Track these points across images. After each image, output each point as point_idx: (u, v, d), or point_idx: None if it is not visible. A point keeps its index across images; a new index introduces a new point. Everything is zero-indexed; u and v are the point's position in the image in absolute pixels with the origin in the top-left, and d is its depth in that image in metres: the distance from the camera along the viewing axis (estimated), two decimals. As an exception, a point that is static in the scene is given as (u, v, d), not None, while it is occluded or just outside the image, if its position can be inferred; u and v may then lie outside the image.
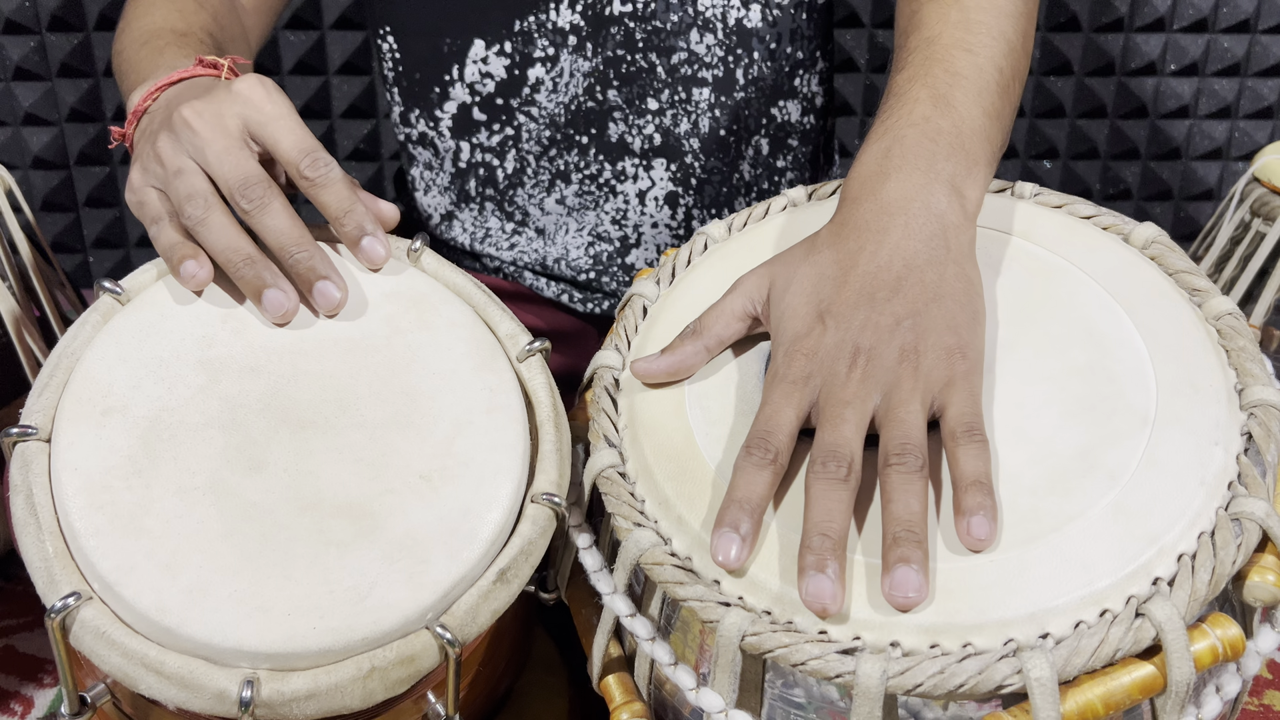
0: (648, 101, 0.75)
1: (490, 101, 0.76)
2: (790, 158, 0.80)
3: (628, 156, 0.76)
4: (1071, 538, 0.43)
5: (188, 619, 0.43)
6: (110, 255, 1.42)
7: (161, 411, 0.48)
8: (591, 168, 0.77)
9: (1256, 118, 1.39)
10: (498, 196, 0.79)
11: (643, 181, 0.77)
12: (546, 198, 0.78)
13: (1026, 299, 0.52)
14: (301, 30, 1.31)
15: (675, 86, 0.74)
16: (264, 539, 0.45)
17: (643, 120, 0.75)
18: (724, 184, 0.78)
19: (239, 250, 0.51)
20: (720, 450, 0.48)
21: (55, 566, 0.44)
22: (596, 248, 0.79)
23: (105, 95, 1.34)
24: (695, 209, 0.78)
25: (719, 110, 0.75)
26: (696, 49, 0.73)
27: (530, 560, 0.48)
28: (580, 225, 0.78)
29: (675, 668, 0.46)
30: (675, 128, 0.75)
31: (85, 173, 1.37)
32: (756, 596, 0.43)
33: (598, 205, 0.78)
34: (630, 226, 0.78)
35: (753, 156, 0.78)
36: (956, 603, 0.42)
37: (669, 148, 0.76)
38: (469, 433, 0.50)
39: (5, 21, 1.27)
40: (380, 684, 0.44)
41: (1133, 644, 0.41)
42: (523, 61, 0.74)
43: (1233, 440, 0.45)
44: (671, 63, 0.74)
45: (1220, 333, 0.49)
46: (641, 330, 0.54)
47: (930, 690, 0.40)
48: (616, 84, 0.74)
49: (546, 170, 0.77)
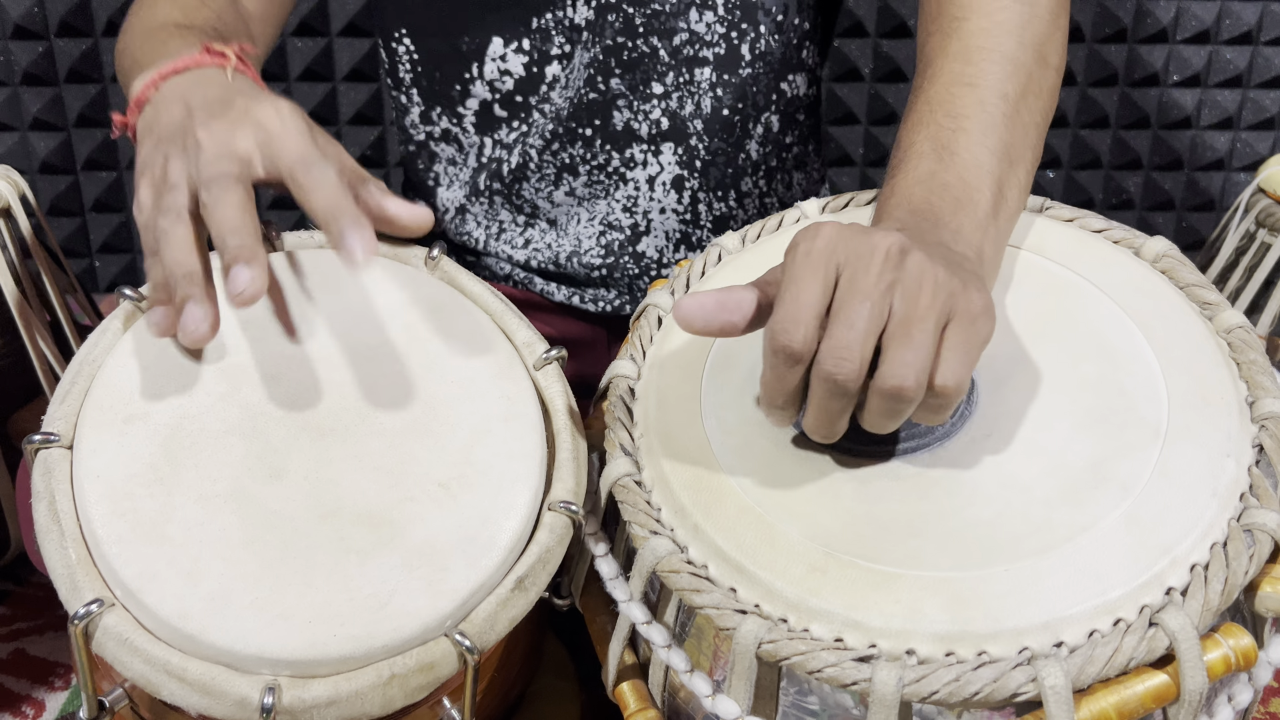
0: (652, 86, 0.73)
1: (510, 99, 0.75)
2: (797, 133, 0.79)
3: (635, 143, 0.75)
4: (1085, 548, 0.44)
5: (209, 626, 0.44)
6: (117, 260, 1.43)
7: (183, 419, 0.49)
8: (599, 158, 0.76)
9: (1258, 129, 1.40)
10: (504, 190, 0.79)
11: (652, 167, 0.76)
12: (555, 190, 0.78)
13: (1039, 313, 0.52)
14: (309, 37, 1.32)
15: (679, 68, 0.73)
16: (285, 546, 0.46)
17: (648, 106, 0.74)
18: (729, 165, 0.77)
19: (182, 265, 0.50)
20: (736, 460, 0.49)
21: (78, 573, 0.45)
22: (608, 237, 0.79)
23: (113, 101, 1.35)
24: (701, 192, 0.77)
25: (721, 89, 0.74)
26: (696, 28, 0.72)
27: (548, 568, 0.49)
28: (592, 214, 0.78)
29: (691, 675, 0.47)
30: (681, 110, 0.74)
31: (92, 178, 1.38)
32: (773, 604, 0.44)
33: (608, 194, 0.77)
34: (640, 213, 0.77)
35: (761, 135, 0.77)
36: (971, 611, 0.42)
37: (676, 130, 0.75)
38: (487, 441, 0.50)
39: (14, 27, 1.28)
40: (400, 691, 0.45)
41: (1146, 653, 0.41)
42: (540, 58, 0.74)
43: (1244, 452, 0.46)
44: (674, 45, 0.72)
45: (1231, 346, 0.50)
46: (657, 340, 0.55)
47: (946, 698, 0.41)
48: (619, 72, 0.73)
49: (551, 164, 0.77)
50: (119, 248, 1.43)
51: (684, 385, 0.52)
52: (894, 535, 0.45)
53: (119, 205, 1.40)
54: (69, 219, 1.39)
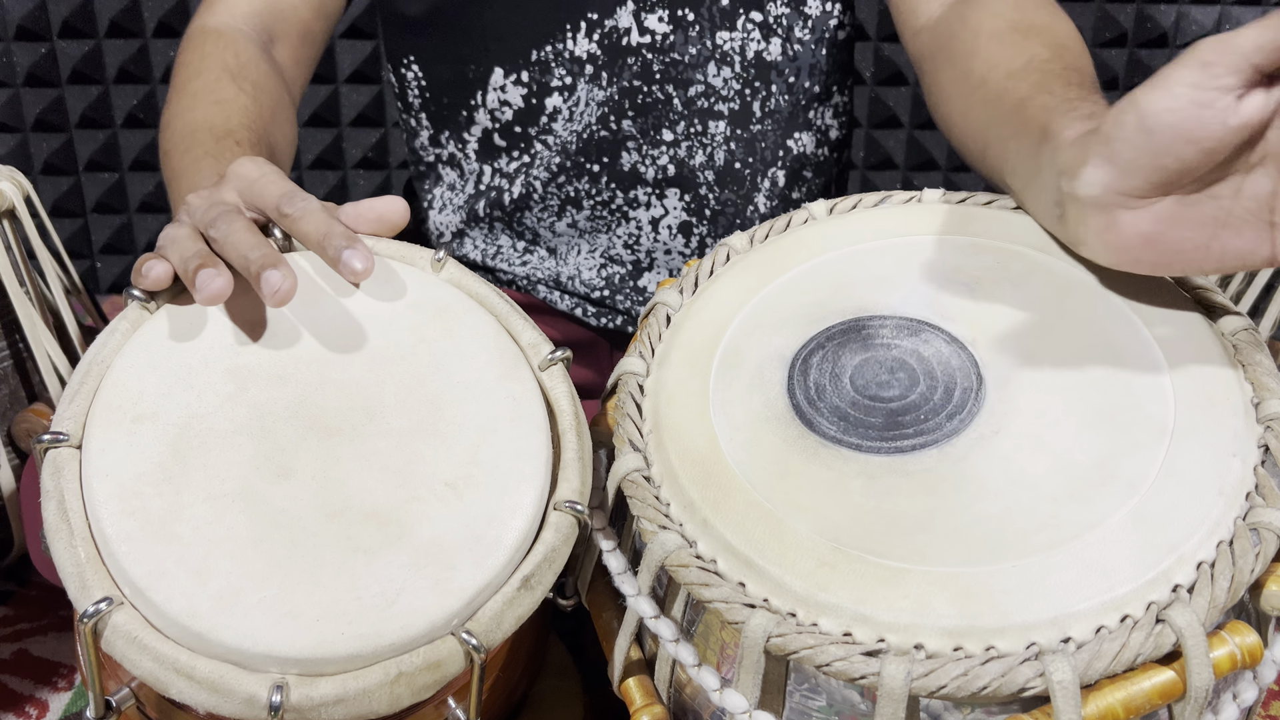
0: (663, 133, 0.76)
1: (509, 129, 0.77)
2: (804, 189, 0.81)
3: (640, 185, 0.77)
4: (1092, 544, 0.44)
5: (218, 624, 0.44)
6: (118, 261, 1.44)
7: (191, 419, 0.49)
8: (603, 194, 0.78)
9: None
10: (505, 218, 0.80)
11: (655, 209, 0.78)
12: (557, 221, 0.79)
13: (1046, 311, 0.53)
14: None
15: (691, 119, 0.75)
16: (293, 545, 0.46)
17: (656, 151, 0.76)
18: (738, 215, 0.79)
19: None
20: (745, 455, 0.49)
21: (87, 571, 0.45)
22: (609, 270, 0.80)
23: (115, 102, 1.35)
24: (709, 238, 0.79)
25: (734, 143, 0.76)
26: (714, 82, 0.74)
27: (554, 567, 0.49)
28: (593, 247, 0.79)
29: (699, 669, 0.47)
30: (690, 159, 0.76)
31: (94, 179, 1.38)
32: (781, 599, 0.44)
33: (610, 229, 0.79)
34: (643, 251, 0.79)
35: (769, 189, 0.79)
36: (980, 606, 0.43)
37: (683, 179, 0.77)
38: (493, 441, 0.51)
39: (16, 28, 1.28)
40: (407, 689, 0.45)
41: (1153, 649, 0.42)
42: (540, 90, 0.75)
43: (1250, 452, 0.46)
44: (688, 95, 0.75)
45: (1237, 348, 0.50)
46: (665, 339, 0.55)
47: (954, 692, 0.41)
48: (631, 114, 0.75)
49: (555, 196, 0.78)
50: (120, 249, 1.43)
51: (692, 382, 0.53)
52: (902, 531, 0.45)
53: (120, 207, 1.41)
54: (70, 220, 1.39)
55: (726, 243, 0.59)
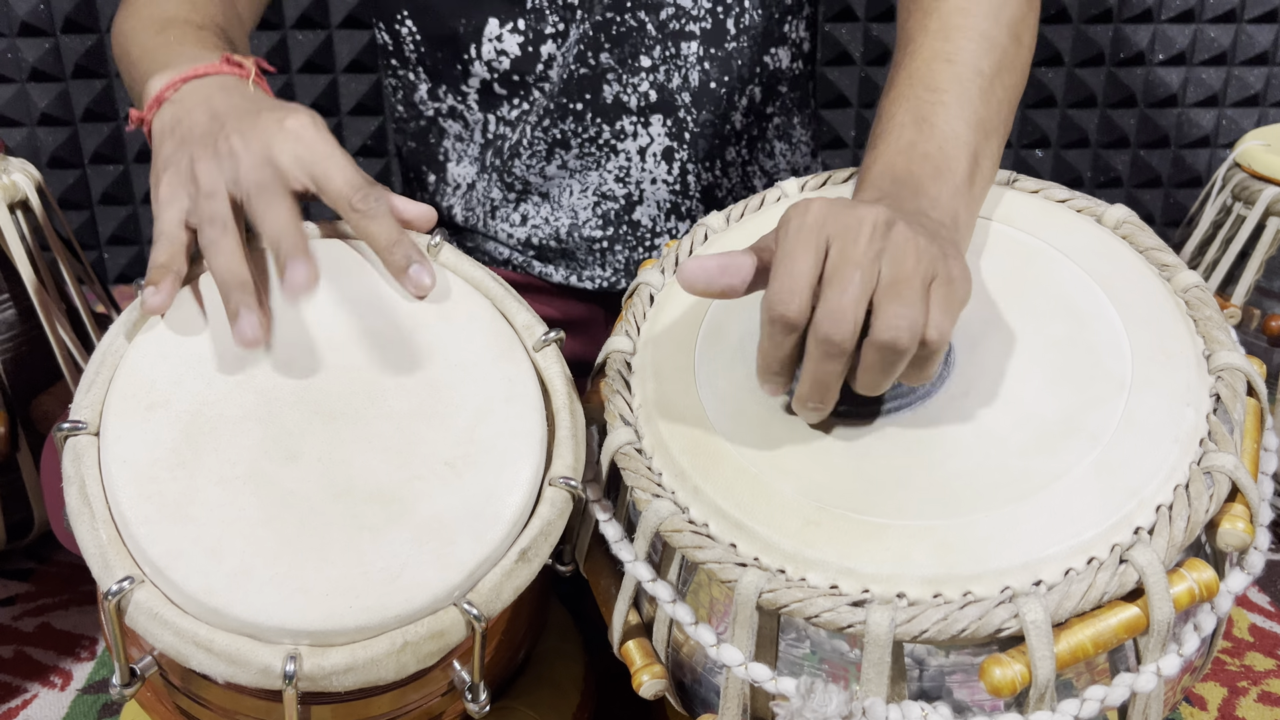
0: (640, 59, 0.78)
1: (508, 78, 0.80)
2: (778, 103, 0.85)
3: (625, 115, 0.80)
4: (1059, 494, 0.49)
5: (233, 600, 0.48)
6: (124, 252, 1.49)
7: (202, 406, 0.54)
8: (589, 131, 0.81)
9: (1242, 105, 1.46)
10: (501, 167, 0.84)
11: (642, 138, 0.81)
12: (546, 165, 0.82)
13: (1008, 278, 0.58)
14: (309, 29, 1.39)
15: (665, 42, 0.78)
16: (301, 525, 0.51)
17: (637, 79, 0.79)
18: (716, 135, 0.82)
19: (235, 275, 0.56)
20: (731, 424, 0.54)
21: (109, 552, 0.50)
22: (604, 207, 0.83)
23: (119, 95, 1.41)
24: (690, 163, 0.82)
25: (708, 62, 0.79)
26: (683, 2, 0.77)
27: (549, 540, 0.53)
28: (584, 186, 0.82)
29: (696, 626, 0.52)
30: (669, 83, 0.79)
31: (100, 171, 1.44)
32: (771, 557, 0.49)
33: (600, 165, 0.82)
34: (633, 183, 0.82)
35: (745, 105, 0.82)
36: (956, 555, 0.48)
37: (664, 103, 0.80)
38: (490, 421, 0.55)
39: (20, 24, 1.34)
40: (412, 657, 0.50)
41: (1118, 588, 0.47)
42: (536, 38, 0.79)
43: (1203, 401, 0.52)
44: (660, 19, 0.78)
45: (1188, 304, 0.56)
46: (650, 316, 0.60)
47: (935, 636, 0.46)
48: (608, 46, 0.78)
49: (542, 141, 0.81)
50: (127, 239, 1.49)
51: (678, 357, 0.58)
52: (882, 489, 0.50)
53: (126, 198, 1.47)
54: (77, 212, 1.45)
55: (704, 222, 0.64)
